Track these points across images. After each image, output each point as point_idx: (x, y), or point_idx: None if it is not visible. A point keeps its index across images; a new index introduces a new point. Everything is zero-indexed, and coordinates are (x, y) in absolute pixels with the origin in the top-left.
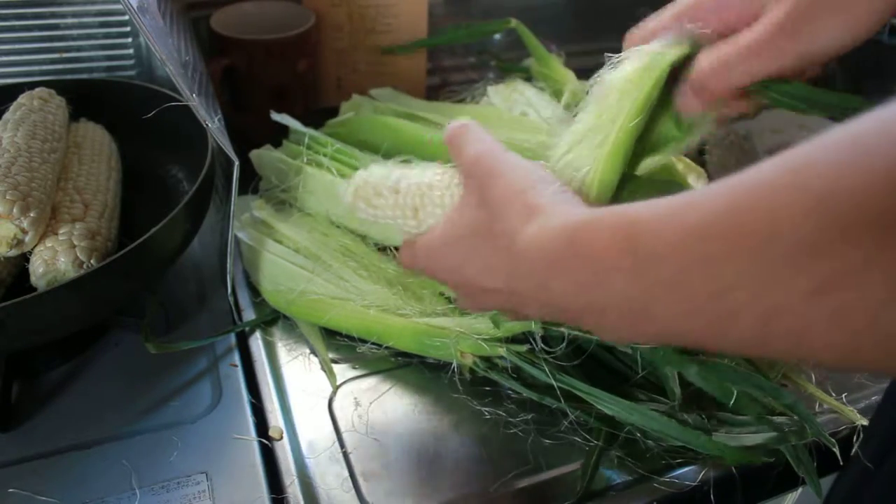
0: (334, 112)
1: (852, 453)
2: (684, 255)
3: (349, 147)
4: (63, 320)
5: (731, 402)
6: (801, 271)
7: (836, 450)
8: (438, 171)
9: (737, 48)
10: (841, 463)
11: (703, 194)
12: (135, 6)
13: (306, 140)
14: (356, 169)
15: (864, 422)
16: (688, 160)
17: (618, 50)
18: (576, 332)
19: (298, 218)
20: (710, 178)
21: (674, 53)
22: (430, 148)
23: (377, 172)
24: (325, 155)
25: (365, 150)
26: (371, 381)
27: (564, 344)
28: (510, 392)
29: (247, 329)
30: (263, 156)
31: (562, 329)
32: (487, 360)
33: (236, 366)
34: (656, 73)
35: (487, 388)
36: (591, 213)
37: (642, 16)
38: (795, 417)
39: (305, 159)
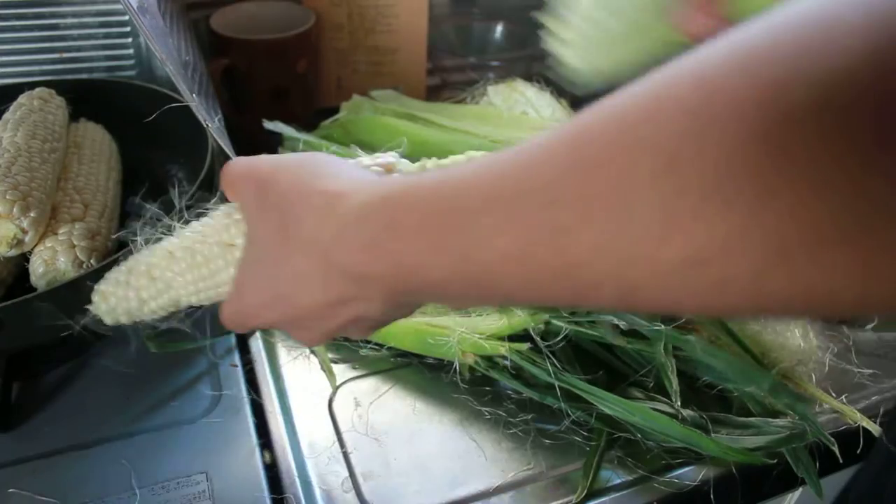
0: (335, 112)
1: (876, 440)
2: (529, 225)
3: (344, 149)
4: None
5: (743, 382)
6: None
7: (836, 450)
8: (206, 219)
9: None
10: (841, 461)
11: (533, 150)
12: (135, 6)
13: (300, 146)
14: None
15: (864, 422)
16: None
17: None
18: (574, 328)
19: None
20: None
21: None
22: (427, 148)
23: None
24: None
25: (364, 151)
26: (371, 381)
27: (560, 339)
28: (510, 392)
29: None
30: None
31: (560, 324)
32: (488, 359)
33: (236, 366)
34: None
35: (487, 388)
36: (400, 181)
37: None
38: (796, 418)
39: None
